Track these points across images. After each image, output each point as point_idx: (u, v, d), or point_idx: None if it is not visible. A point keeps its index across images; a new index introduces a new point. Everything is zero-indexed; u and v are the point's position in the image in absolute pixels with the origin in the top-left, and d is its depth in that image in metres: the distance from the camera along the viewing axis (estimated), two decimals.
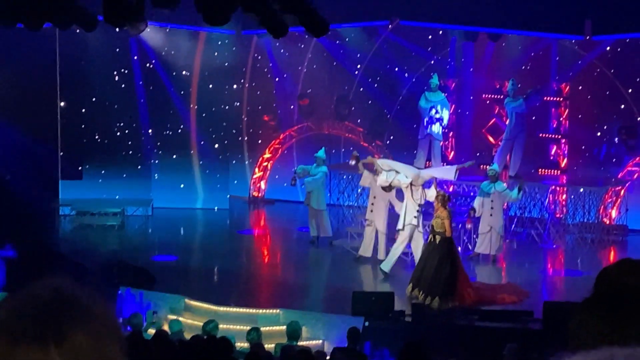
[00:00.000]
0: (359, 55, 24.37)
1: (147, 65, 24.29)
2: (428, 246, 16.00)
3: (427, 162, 22.34)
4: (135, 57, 24.20)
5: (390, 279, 17.34)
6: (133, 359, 1.78)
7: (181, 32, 24.10)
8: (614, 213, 21.47)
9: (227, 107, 25.20)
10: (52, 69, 23.44)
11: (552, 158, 22.43)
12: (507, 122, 21.86)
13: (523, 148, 21.76)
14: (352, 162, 19.17)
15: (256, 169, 25.60)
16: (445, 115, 21.99)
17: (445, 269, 15.60)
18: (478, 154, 22.97)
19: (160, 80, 24.38)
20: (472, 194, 20.69)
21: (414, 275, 15.97)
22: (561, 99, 22.37)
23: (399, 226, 17.33)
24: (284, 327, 13.59)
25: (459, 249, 19.28)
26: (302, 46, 24.78)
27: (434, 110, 21.86)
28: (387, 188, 17.79)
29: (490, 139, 23.08)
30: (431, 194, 17.06)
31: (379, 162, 18.19)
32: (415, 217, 17.15)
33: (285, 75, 25.35)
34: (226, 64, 24.87)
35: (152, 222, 23.65)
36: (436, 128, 21.88)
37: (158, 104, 24.47)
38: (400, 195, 17.99)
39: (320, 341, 14.33)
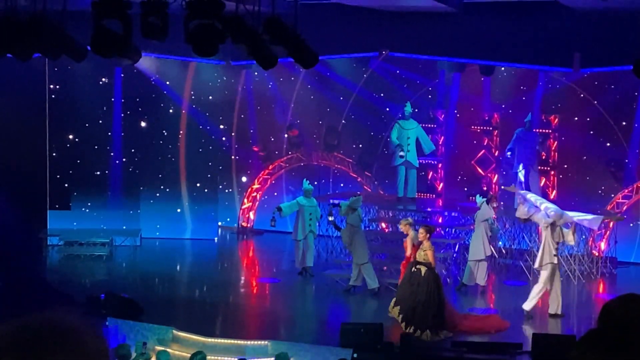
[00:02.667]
0: (348, 86, 24.44)
1: (136, 94, 24.29)
2: (412, 278, 15.88)
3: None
4: (124, 87, 24.21)
5: (379, 310, 17.28)
6: None
7: (170, 62, 24.13)
8: (603, 245, 21.47)
9: (216, 137, 25.20)
10: (41, 98, 23.45)
11: (541, 190, 22.44)
12: (517, 155, 21.70)
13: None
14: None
15: (245, 200, 25.55)
16: (425, 142, 21.86)
17: (434, 301, 15.58)
18: (465, 186, 23.04)
19: (149, 110, 24.39)
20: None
21: (403, 310, 15.80)
22: (550, 131, 22.43)
23: (536, 265, 17.24)
24: (273, 359, 13.53)
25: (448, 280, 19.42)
26: (292, 77, 24.83)
27: (408, 138, 21.78)
28: (524, 220, 17.79)
29: (480, 170, 23.10)
30: (569, 237, 17.09)
31: (524, 194, 17.99)
32: (554, 255, 17.03)
33: (274, 106, 25.39)
34: (215, 94, 24.91)
35: (141, 253, 23.56)
36: (411, 156, 21.79)
37: (146, 134, 24.47)
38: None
39: None
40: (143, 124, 24.47)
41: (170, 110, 24.65)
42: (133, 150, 24.59)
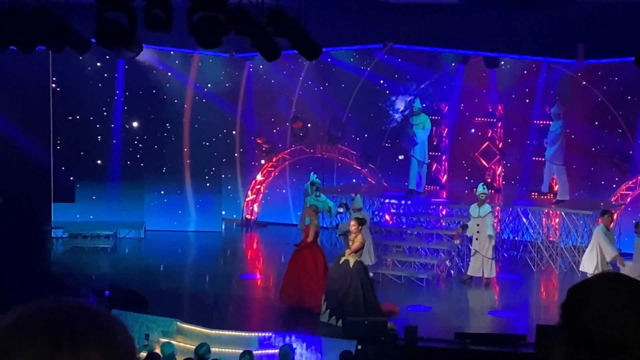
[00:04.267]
0: (351, 78, 24.41)
1: (139, 86, 24.28)
2: (340, 270, 15.83)
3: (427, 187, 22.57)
4: (127, 80, 24.21)
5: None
6: None
7: (174, 54, 24.13)
8: None
9: (220, 130, 25.20)
10: (45, 90, 23.44)
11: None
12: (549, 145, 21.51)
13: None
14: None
15: (249, 192, 25.56)
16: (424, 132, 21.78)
17: (366, 290, 15.61)
18: (469, 178, 23.03)
19: (152, 102, 24.39)
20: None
21: (330, 304, 15.81)
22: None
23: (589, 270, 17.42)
24: (277, 351, 13.55)
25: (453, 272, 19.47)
26: (296, 69, 24.81)
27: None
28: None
29: (483, 162, 23.08)
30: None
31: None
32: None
33: (278, 98, 25.37)
34: (219, 87, 24.90)
35: (145, 245, 23.58)
36: (418, 150, 21.74)
37: (150, 127, 24.49)
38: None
39: None
40: (146, 116, 24.46)
41: (174, 103, 24.65)
42: (137, 143, 24.60)
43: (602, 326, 1.99)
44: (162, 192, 24.81)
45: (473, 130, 23.53)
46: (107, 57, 22.65)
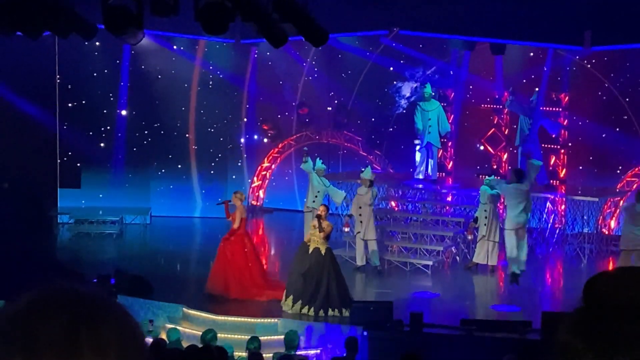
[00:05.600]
0: (357, 64, 24.37)
1: (145, 72, 24.27)
2: (310, 256, 15.82)
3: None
4: (133, 65, 24.20)
5: (391, 289, 17.29)
6: None
7: (180, 40, 24.11)
8: (613, 224, 21.43)
9: (225, 116, 25.20)
10: (51, 77, 23.44)
11: (551, 168, 22.41)
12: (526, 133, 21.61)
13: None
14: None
15: (255, 178, 25.57)
16: (443, 122, 21.82)
17: (338, 277, 15.63)
18: (475, 165, 23.00)
19: (158, 88, 24.38)
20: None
21: (298, 292, 15.71)
22: (560, 109, 22.37)
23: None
24: (282, 337, 13.57)
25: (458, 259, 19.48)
26: (302, 55, 24.78)
27: (429, 120, 21.71)
28: None
29: (489, 148, 23.06)
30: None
31: None
32: None
33: (284, 84, 25.34)
34: (225, 73, 24.88)
35: (150, 231, 23.62)
36: (433, 136, 21.72)
37: (156, 112, 24.48)
38: None
39: (318, 351, 14.30)
40: (152, 102, 24.45)
41: (180, 88, 24.64)
42: (143, 129, 24.61)
43: (614, 289, 1.98)
44: (168, 178, 24.84)
45: (479, 117, 23.50)
46: (113, 42, 22.62)
